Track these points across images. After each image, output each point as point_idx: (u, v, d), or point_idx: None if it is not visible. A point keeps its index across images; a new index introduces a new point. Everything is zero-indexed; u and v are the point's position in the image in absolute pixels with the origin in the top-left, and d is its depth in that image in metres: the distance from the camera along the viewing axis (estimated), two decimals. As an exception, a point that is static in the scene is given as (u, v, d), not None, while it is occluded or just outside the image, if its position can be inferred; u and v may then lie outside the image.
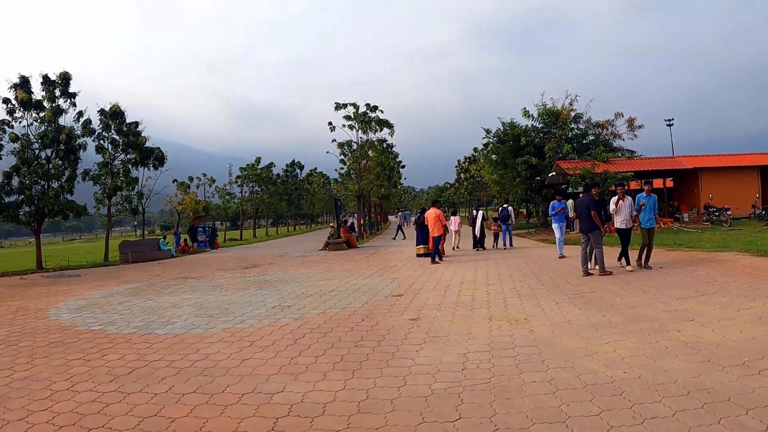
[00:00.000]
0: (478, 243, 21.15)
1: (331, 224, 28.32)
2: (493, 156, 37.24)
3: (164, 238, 29.56)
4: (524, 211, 46.97)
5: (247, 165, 48.78)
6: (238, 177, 48.00)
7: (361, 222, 36.78)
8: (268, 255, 25.02)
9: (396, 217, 34.74)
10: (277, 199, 53.91)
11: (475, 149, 63.25)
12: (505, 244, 21.21)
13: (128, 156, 28.01)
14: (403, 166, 49.59)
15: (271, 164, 52.03)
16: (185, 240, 30.67)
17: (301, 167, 66.95)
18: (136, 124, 28.53)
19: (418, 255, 18.92)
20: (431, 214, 17.38)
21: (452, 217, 21.99)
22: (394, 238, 33.20)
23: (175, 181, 34.74)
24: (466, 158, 68.98)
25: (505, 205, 22.21)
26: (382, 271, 14.99)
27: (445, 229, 17.54)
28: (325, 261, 19.66)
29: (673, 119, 61.14)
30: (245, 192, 49.00)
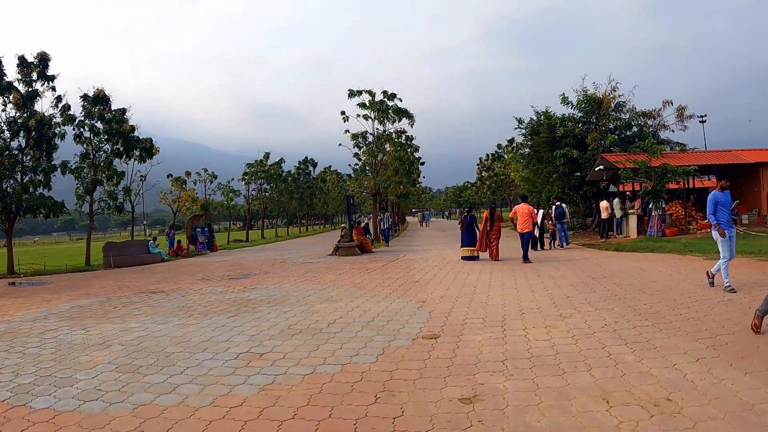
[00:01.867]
0: (537, 243, 19.83)
1: (343, 225, 24.63)
2: (524, 150, 33.42)
3: (154, 239, 26.21)
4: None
5: (255, 161, 45.12)
6: (245, 174, 44.45)
7: (378, 223, 33.08)
8: (268, 260, 21.56)
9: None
10: (287, 198, 50.28)
11: (499, 146, 59.59)
12: (561, 244, 20.46)
13: (112, 146, 24.71)
14: (423, 163, 45.86)
15: (281, 160, 48.33)
16: (179, 242, 27.34)
17: (315, 165, 63.38)
18: (123, 110, 25.27)
19: (464, 258, 16.98)
20: (523, 209, 16.18)
21: (540, 211, 20.49)
22: (387, 244, 28.51)
23: (170, 176, 31.31)
24: (488, 155, 65.27)
25: (558, 203, 21.00)
26: (404, 289, 11.39)
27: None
28: (332, 270, 16.15)
29: (705, 116, 56.98)
30: (253, 190, 45.41)
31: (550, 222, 20.71)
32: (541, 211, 20.36)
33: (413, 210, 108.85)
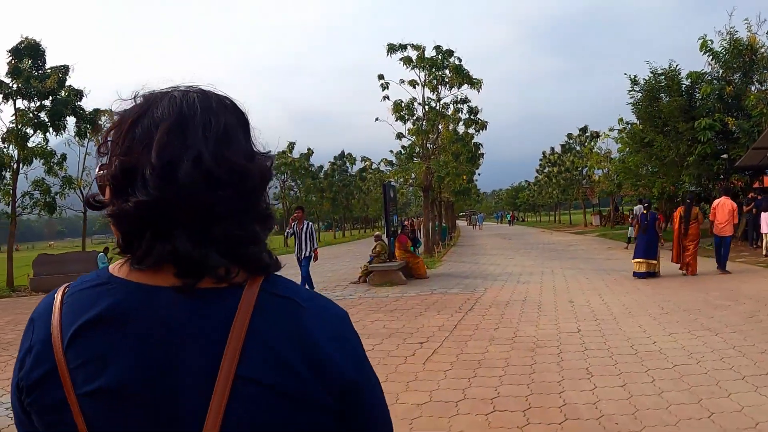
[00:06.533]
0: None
1: (378, 233, 15.50)
2: (636, 122, 24.13)
3: (106, 250, 18.14)
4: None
5: (278, 152, 36.99)
6: (265, 168, 36.12)
7: (430, 229, 24.11)
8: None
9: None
10: (318, 197, 41.86)
11: (570, 135, 50.30)
12: None
13: (48, 115, 16.85)
14: (482, 154, 36.73)
15: (310, 152, 40.00)
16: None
17: (353, 161, 54.63)
18: (65, 68, 17.41)
19: (637, 274, 11.95)
20: (725, 205, 12.03)
21: (763, 214, 15.05)
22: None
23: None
24: (553, 149, 55.98)
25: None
26: None
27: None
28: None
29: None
30: (275, 187, 37.21)
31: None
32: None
33: (460, 213, 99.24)
